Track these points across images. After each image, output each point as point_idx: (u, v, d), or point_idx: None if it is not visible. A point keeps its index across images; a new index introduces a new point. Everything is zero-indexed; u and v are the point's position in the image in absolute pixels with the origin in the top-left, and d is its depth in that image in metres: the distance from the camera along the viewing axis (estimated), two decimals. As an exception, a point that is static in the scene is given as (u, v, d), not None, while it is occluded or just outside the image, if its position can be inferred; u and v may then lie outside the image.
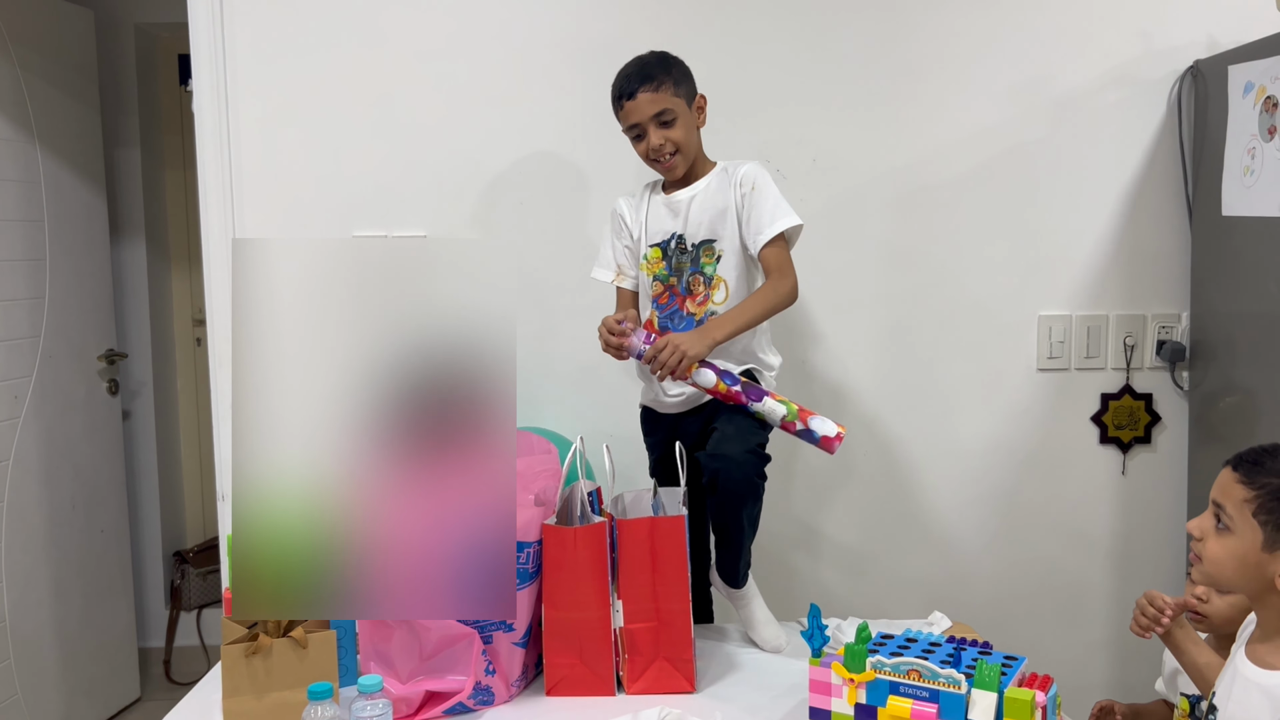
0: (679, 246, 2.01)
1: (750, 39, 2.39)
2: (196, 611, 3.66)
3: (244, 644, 1.63)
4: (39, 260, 2.96)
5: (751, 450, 1.86)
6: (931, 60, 2.40)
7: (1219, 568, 1.38)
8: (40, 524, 2.94)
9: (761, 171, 1.99)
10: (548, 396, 2.40)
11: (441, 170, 2.40)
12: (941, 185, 2.43)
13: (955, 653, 1.58)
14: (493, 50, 2.38)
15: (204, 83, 2.35)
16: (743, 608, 2.00)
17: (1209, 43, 2.37)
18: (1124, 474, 2.49)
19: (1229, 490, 1.38)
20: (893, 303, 2.46)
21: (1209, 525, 1.40)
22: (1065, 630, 2.52)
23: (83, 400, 3.14)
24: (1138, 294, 2.45)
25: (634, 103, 1.94)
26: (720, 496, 1.85)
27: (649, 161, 2.01)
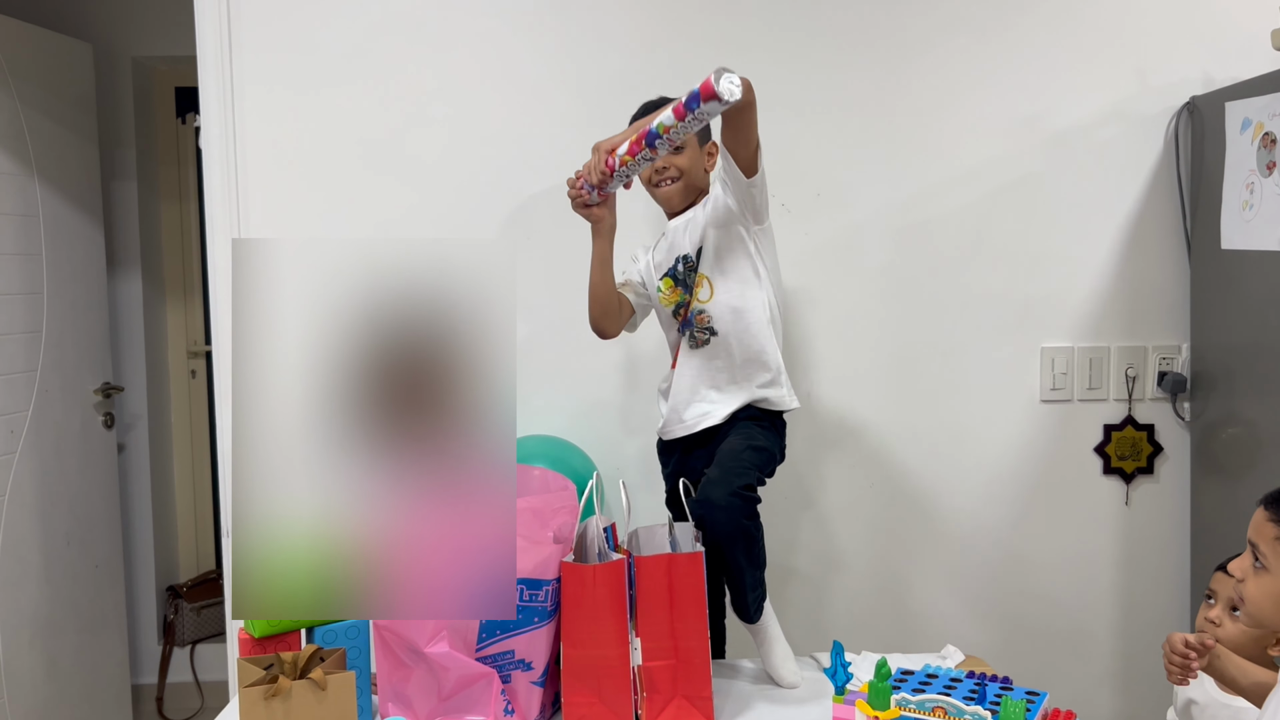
0: (686, 265, 2.04)
1: (753, 78, 2.40)
2: (190, 647, 3.62)
3: (263, 686, 1.61)
4: (36, 294, 2.94)
5: (735, 493, 1.85)
6: (933, 97, 2.44)
7: (1259, 607, 1.39)
8: (35, 560, 2.90)
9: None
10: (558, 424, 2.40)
11: (447, 209, 2.40)
12: (944, 219, 2.46)
13: (978, 688, 1.59)
14: (500, 90, 2.39)
15: (212, 118, 2.35)
16: (761, 642, 1.99)
17: (1205, 79, 2.42)
18: (1127, 504, 2.51)
19: (1261, 529, 1.39)
20: (897, 335, 2.48)
21: (1248, 565, 1.41)
22: (1071, 662, 2.53)
23: (78, 434, 3.11)
24: (1138, 326, 2.49)
25: None
26: (709, 538, 1.85)
27: (649, 186, 2.04)
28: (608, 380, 2.45)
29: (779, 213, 2.42)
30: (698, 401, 2.05)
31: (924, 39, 2.42)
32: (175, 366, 3.76)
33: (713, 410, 2.04)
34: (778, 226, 2.42)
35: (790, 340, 2.46)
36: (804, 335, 2.47)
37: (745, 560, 1.90)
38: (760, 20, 2.40)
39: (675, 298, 2.06)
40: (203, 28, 2.34)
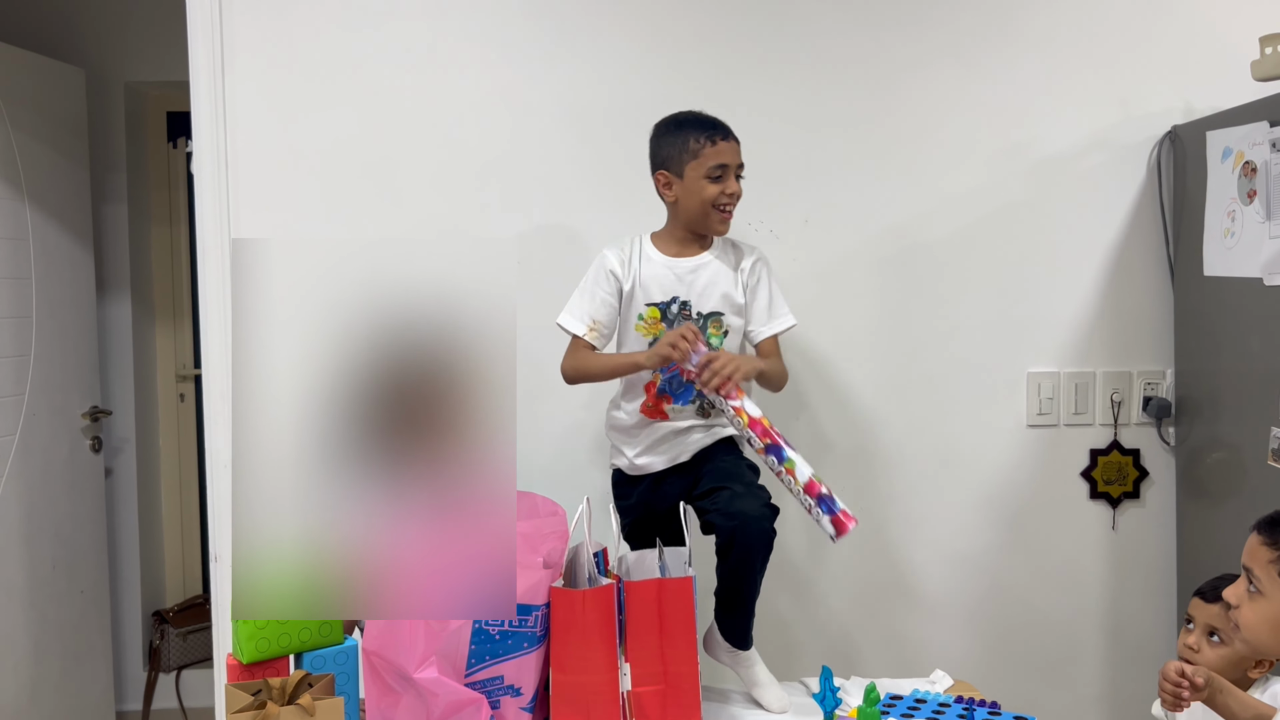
0: (682, 312, 2.02)
1: (743, 106, 2.43)
2: (176, 673, 3.59)
3: (251, 712, 1.60)
4: (25, 318, 2.94)
5: (766, 505, 1.89)
6: (919, 124, 2.47)
7: (1254, 632, 1.39)
8: (20, 586, 2.88)
9: (766, 264, 2.07)
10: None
11: (440, 233, 2.41)
12: (930, 246, 2.48)
13: (966, 713, 1.59)
14: (494, 115, 2.41)
15: (204, 141, 2.36)
16: (746, 671, 1.99)
17: (1186, 109, 2.45)
18: (1114, 529, 2.52)
19: (1255, 554, 1.40)
20: (883, 361, 2.49)
21: (1243, 591, 1.42)
22: (1058, 686, 2.53)
23: (65, 458, 3.10)
24: (1123, 351, 2.51)
25: (730, 145, 1.98)
26: (738, 555, 1.86)
27: (711, 208, 1.98)
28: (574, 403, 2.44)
29: (768, 239, 2.44)
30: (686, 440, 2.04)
31: (910, 66, 2.46)
32: (164, 390, 3.75)
33: (703, 438, 2.04)
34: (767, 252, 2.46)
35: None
36: (792, 360, 2.47)
37: (759, 577, 1.91)
38: (751, 46, 2.43)
39: (655, 331, 2.02)
40: (195, 52, 2.35)
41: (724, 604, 1.96)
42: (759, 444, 1.87)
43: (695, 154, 1.96)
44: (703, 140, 1.96)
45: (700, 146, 1.96)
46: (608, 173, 2.39)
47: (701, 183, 1.96)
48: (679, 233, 2.05)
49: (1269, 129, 2.06)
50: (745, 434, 1.89)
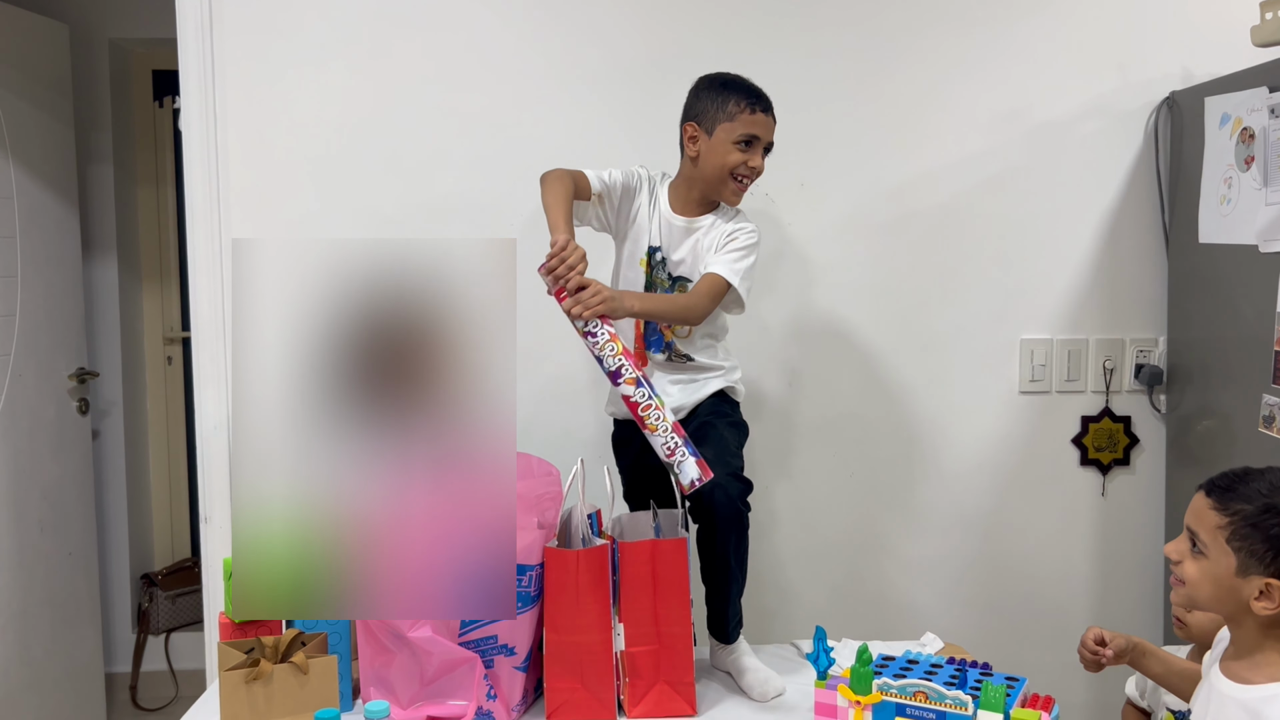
0: (662, 262, 2.01)
1: (738, 65, 2.42)
2: (165, 635, 3.59)
3: (243, 670, 1.60)
4: (10, 277, 2.90)
5: (733, 474, 1.85)
6: (916, 89, 2.45)
7: (1196, 589, 1.41)
8: (7, 546, 2.86)
9: (750, 238, 1.96)
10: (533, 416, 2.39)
11: (432, 195, 2.38)
12: (925, 211, 2.47)
13: (958, 674, 1.60)
14: (487, 74, 2.38)
15: (192, 99, 2.33)
16: (735, 661, 1.94)
17: (1184, 75, 2.44)
18: (1104, 495, 2.54)
19: (1202, 516, 1.39)
20: (877, 327, 2.49)
21: (1185, 548, 1.43)
22: (1046, 650, 2.54)
23: (52, 420, 3.07)
24: (1116, 318, 2.51)
25: (767, 120, 1.94)
26: (706, 524, 1.85)
27: (731, 178, 1.94)
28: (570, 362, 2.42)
29: (763, 202, 2.43)
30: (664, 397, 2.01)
31: (907, 30, 2.43)
32: (151, 353, 3.72)
33: (685, 403, 2.01)
34: (761, 216, 2.44)
35: (771, 329, 2.47)
36: (785, 324, 2.48)
37: (734, 556, 1.88)
38: (749, 8, 2.40)
39: (644, 275, 2.01)
40: (183, 7, 2.31)
41: (707, 592, 1.93)
42: (631, 373, 1.77)
43: (731, 116, 1.92)
44: (743, 105, 1.92)
45: (739, 110, 1.92)
46: (607, 135, 2.37)
47: (728, 146, 1.92)
48: (689, 191, 2.00)
49: (1268, 94, 2.06)
50: (617, 362, 1.77)
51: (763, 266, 2.09)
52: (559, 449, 2.12)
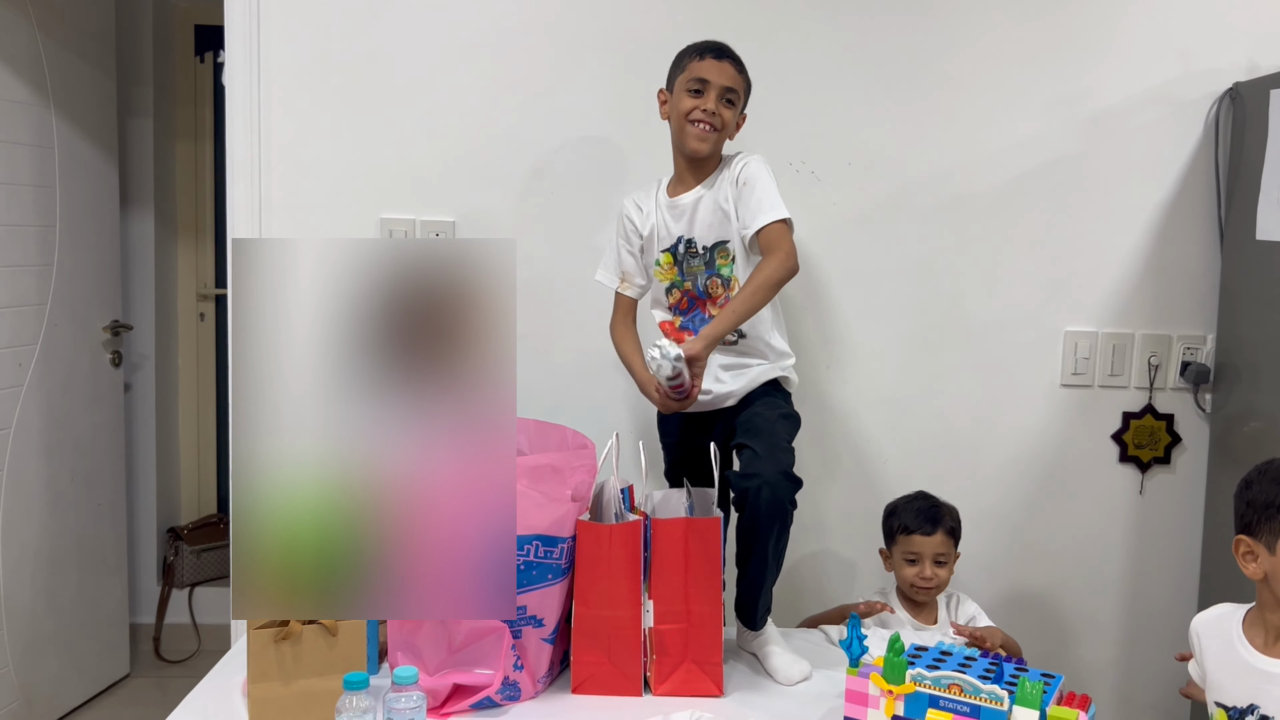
0: (689, 250, 1.99)
1: (790, 45, 2.37)
2: (189, 589, 3.61)
3: (272, 629, 1.59)
4: (49, 226, 2.90)
5: (784, 472, 1.82)
6: (970, 71, 2.39)
7: None
8: (39, 495, 2.88)
9: (758, 167, 1.95)
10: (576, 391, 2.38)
11: (473, 157, 2.37)
12: (974, 196, 2.42)
13: (994, 668, 1.57)
14: (530, 38, 2.35)
15: (236, 55, 2.31)
16: (762, 645, 1.93)
17: (1249, 66, 2.37)
18: (1141, 494, 2.49)
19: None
20: (919, 311, 2.45)
21: None
22: (1077, 647, 2.52)
23: (86, 371, 3.08)
24: (1165, 314, 2.45)
25: (719, 64, 1.94)
26: (746, 520, 1.82)
27: (688, 122, 1.94)
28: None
29: (809, 180, 2.39)
30: (714, 383, 1.99)
31: (963, 9, 2.37)
32: (184, 308, 3.73)
33: (735, 390, 2.00)
34: (807, 194, 2.40)
35: (811, 310, 2.43)
36: (823, 307, 2.44)
37: (773, 549, 1.85)
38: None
39: (671, 275, 2.02)
40: (231, -39, 2.29)
41: (738, 576, 1.92)
42: None
43: (683, 68, 1.97)
44: (693, 55, 1.97)
45: (688, 60, 1.97)
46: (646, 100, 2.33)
47: (681, 95, 1.96)
48: (678, 163, 2.03)
49: (1339, 89, 1.99)
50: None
51: (803, 245, 2.06)
52: (595, 424, 2.10)
